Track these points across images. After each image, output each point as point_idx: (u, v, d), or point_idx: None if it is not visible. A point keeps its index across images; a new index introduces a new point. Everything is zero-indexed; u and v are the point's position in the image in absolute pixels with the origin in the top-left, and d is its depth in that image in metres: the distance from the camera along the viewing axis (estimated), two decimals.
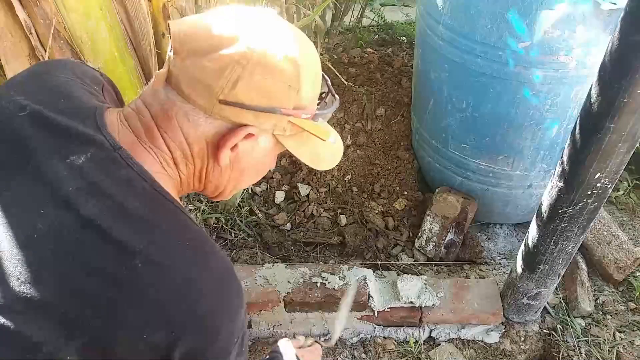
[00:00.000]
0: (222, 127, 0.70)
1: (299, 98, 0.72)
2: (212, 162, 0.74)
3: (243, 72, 0.66)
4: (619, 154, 1.14)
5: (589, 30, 1.40)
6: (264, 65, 0.67)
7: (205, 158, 0.74)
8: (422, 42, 1.88)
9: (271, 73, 0.68)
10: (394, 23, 3.34)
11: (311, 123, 0.75)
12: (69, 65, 0.83)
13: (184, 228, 0.69)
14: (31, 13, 1.33)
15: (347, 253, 2.06)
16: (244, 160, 0.76)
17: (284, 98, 0.70)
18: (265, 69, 0.67)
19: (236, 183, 0.81)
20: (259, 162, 0.79)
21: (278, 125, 0.72)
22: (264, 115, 0.70)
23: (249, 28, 0.68)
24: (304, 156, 0.79)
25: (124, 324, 0.62)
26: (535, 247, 1.46)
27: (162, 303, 0.63)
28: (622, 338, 1.73)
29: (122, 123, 0.72)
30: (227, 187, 0.81)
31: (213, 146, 0.72)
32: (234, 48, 0.66)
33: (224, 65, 0.65)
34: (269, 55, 0.67)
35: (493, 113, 1.71)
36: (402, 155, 2.30)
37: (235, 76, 0.66)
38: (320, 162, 0.82)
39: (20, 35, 1.36)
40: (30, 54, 1.40)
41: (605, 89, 1.07)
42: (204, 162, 0.74)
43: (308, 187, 2.25)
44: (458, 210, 1.99)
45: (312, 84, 0.74)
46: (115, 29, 1.43)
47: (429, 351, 1.73)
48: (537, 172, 1.84)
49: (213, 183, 0.79)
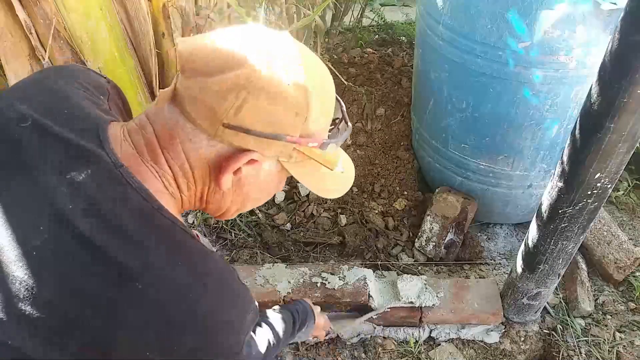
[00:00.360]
0: (225, 150, 0.68)
1: (306, 126, 0.69)
2: (213, 185, 0.72)
3: (248, 96, 0.64)
4: (619, 154, 1.14)
5: (589, 30, 1.40)
6: (270, 91, 0.64)
7: (207, 180, 0.72)
8: (422, 42, 1.88)
9: (277, 99, 0.65)
10: (394, 23, 3.34)
11: (319, 151, 0.72)
12: (75, 73, 0.82)
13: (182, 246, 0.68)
14: (31, 13, 1.33)
15: (347, 253, 2.06)
16: (247, 184, 0.74)
17: (289, 125, 0.67)
18: (271, 95, 0.64)
19: (240, 205, 0.79)
20: (264, 186, 0.76)
21: (283, 152, 0.70)
22: (269, 142, 0.67)
23: (258, 51, 0.66)
24: (311, 184, 0.77)
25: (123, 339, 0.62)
26: (535, 247, 1.46)
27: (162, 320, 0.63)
28: (622, 338, 1.73)
29: (124, 138, 0.70)
30: (230, 209, 0.79)
31: (215, 169, 0.70)
32: (240, 71, 0.64)
33: (229, 88, 0.63)
34: (276, 80, 0.65)
35: (493, 113, 1.71)
36: (402, 155, 2.30)
37: (240, 101, 0.63)
38: (327, 190, 0.80)
39: (20, 35, 1.37)
40: (30, 54, 1.40)
41: (605, 89, 1.07)
42: (205, 184, 0.73)
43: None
44: (458, 210, 1.99)
45: (322, 112, 0.71)
46: (115, 29, 1.43)
47: (429, 351, 1.73)
48: (537, 172, 1.84)
49: (215, 205, 0.77)
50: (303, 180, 0.75)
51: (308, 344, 1.74)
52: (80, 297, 0.61)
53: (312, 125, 0.70)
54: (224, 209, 0.79)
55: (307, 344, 1.74)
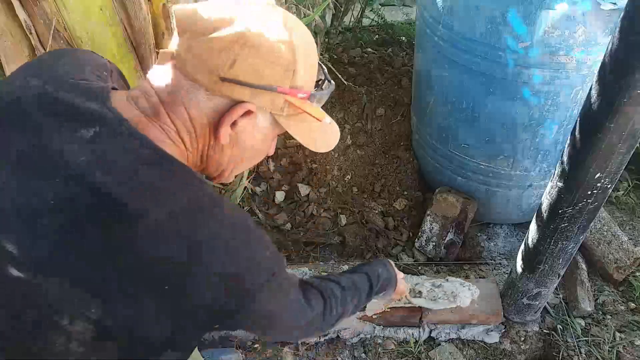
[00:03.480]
0: (223, 104, 0.74)
1: (295, 79, 0.75)
2: (213, 140, 0.78)
3: (241, 51, 0.70)
4: (619, 154, 1.14)
5: (589, 30, 1.40)
6: (260, 46, 0.71)
7: (207, 136, 0.77)
8: (422, 42, 1.88)
9: (267, 54, 0.72)
10: (394, 23, 3.34)
11: (307, 103, 0.78)
12: (79, 52, 0.89)
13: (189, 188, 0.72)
14: (31, 13, 1.33)
15: (347, 253, 2.06)
16: (243, 138, 0.79)
17: (280, 77, 0.74)
18: (262, 50, 0.71)
19: (236, 163, 0.84)
20: (258, 142, 0.82)
21: (275, 104, 0.76)
22: (261, 92, 0.73)
23: (247, 12, 0.73)
24: (300, 136, 0.82)
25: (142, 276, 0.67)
26: (535, 247, 1.46)
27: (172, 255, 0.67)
28: (622, 338, 1.73)
29: (128, 101, 0.75)
30: (227, 167, 0.84)
31: (214, 124, 0.75)
32: (233, 29, 0.70)
33: (224, 45, 0.70)
34: (265, 36, 0.72)
35: (493, 113, 1.71)
36: (402, 155, 2.30)
37: (233, 55, 0.70)
38: (316, 144, 0.85)
39: (21, 35, 1.36)
40: (30, 54, 1.40)
41: (605, 89, 1.07)
42: (205, 140, 0.78)
43: (308, 187, 2.25)
44: (458, 210, 1.99)
45: (307, 66, 0.77)
46: (115, 29, 1.43)
47: (429, 351, 1.73)
48: (537, 172, 1.84)
49: (214, 163, 0.82)
50: (294, 132, 0.81)
51: (308, 344, 1.74)
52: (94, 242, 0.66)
53: (300, 78, 0.76)
54: (222, 167, 0.84)
55: (307, 344, 1.74)
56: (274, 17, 0.75)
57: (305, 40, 0.78)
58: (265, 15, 0.75)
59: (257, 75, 0.72)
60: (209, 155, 0.80)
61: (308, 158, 2.32)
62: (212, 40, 0.70)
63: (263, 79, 0.72)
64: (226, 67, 0.70)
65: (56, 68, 0.79)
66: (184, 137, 0.76)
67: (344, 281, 1.09)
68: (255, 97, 0.73)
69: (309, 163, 2.31)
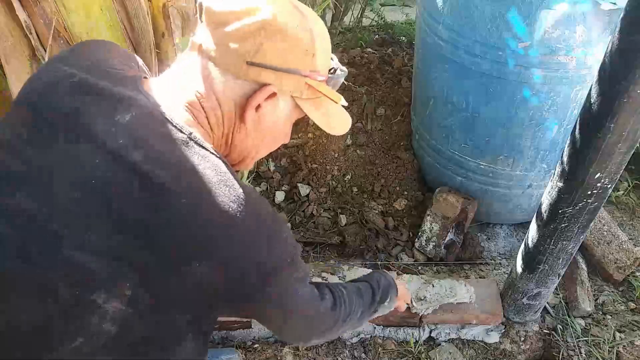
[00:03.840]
0: (249, 87, 0.79)
1: (314, 63, 0.81)
2: (238, 123, 0.83)
3: (266, 37, 0.75)
4: (619, 154, 1.14)
5: (589, 30, 1.41)
6: (284, 32, 0.76)
7: (233, 119, 0.82)
8: (422, 42, 1.88)
9: (290, 39, 0.77)
10: (394, 23, 3.34)
11: (325, 86, 0.84)
12: (108, 44, 0.94)
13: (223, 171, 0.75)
14: (31, 13, 1.33)
15: (347, 253, 2.06)
16: (265, 121, 0.84)
17: (301, 61, 0.79)
18: (286, 35, 0.77)
19: (257, 149, 0.89)
20: (279, 125, 0.87)
21: (297, 87, 0.81)
22: (285, 76, 0.79)
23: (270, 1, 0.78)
24: (319, 119, 0.87)
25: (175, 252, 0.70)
26: (535, 247, 1.46)
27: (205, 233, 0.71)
28: (622, 338, 1.73)
29: (160, 88, 0.80)
30: (250, 153, 0.89)
31: (240, 107, 0.80)
32: (259, 16, 0.75)
33: (250, 31, 0.75)
34: (289, 22, 0.77)
35: (493, 113, 1.71)
36: (402, 155, 2.30)
37: (259, 41, 0.75)
38: (332, 126, 0.90)
39: (21, 35, 1.36)
40: (30, 54, 1.40)
41: (605, 89, 1.07)
42: (231, 123, 0.82)
43: (308, 187, 2.25)
44: (458, 210, 1.99)
45: (324, 51, 0.83)
46: (115, 29, 1.43)
47: (429, 351, 1.73)
48: (537, 172, 1.84)
49: (238, 147, 0.87)
50: (312, 115, 0.86)
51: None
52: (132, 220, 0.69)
53: (318, 62, 0.82)
54: (245, 153, 0.89)
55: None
56: (294, 5, 0.81)
57: (320, 25, 0.84)
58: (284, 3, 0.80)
59: (281, 59, 0.77)
60: (234, 140, 0.85)
61: (308, 158, 2.32)
62: (238, 28, 0.75)
63: (287, 63, 0.78)
64: (253, 52, 0.76)
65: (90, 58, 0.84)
66: (212, 122, 0.80)
67: (348, 285, 1.13)
68: (279, 80, 0.79)
69: (309, 163, 2.31)
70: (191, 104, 0.79)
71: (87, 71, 0.79)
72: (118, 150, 0.70)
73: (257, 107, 0.80)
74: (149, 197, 0.69)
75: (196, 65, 0.79)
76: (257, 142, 0.88)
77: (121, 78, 0.79)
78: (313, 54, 0.80)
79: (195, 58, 0.80)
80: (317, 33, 0.81)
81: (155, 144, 0.72)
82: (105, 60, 0.84)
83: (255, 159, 0.93)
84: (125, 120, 0.73)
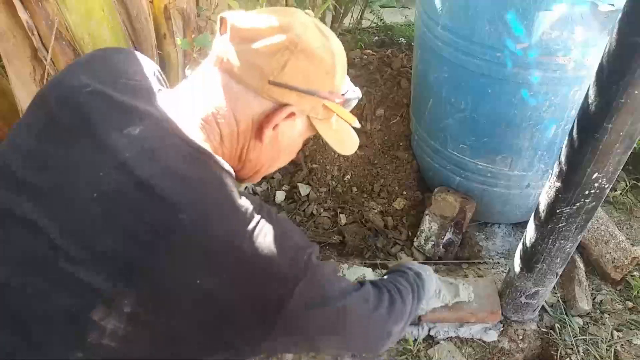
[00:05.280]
0: (268, 106, 0.78)
1: (333, 84, 0.82)
2: (253, 140, 0.82)
3: (291, 57, 0.75)
4: (617, 154, 1.15)
5: (587, 31, 1.42)
6: (308, 52, 0.76)
7: (249, 136, 0.81)
8: (421, 43, 1.89)
9: (313, 59, 0.77)
10: (393, 25, 3.35)
11: (341, 108, 0.86)
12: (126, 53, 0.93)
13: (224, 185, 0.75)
14: (33, 13, 1.34)
15: (347, 252, 2.07)
16: (281, 139, 0.84)
17: (322, 82, 0.80)
18: (309, 56, 0.77)
19: (271, 163, 0.89)
20: (293, 143, 0.87)
21: (315, 108, 0.82)
22: (305, 97, 0.79)
23: (295, 21, 0.78)
24: (331, 138, 0.88)
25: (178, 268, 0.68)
26: (533, 246, 1.47)
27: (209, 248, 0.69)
28: (620, 337, 1.74)
29: (174, 101, 0.80)
30: (262, 167, 0.88)
31: (258, 124, 0.80)
32: (284, 36, 0.75)
33: (275, 50, 0.75)
34: (313, 43, 0.77)
35: (491, 114, 1.72)
36: (401, 155, 2.31)
37: (284, 60, 0.75)
38: (343, 146, 0.91)
39: (22, 35, 1.37)
40: (32, 54, 1.40)
41: (603, 90, 1.08)
42: (246, 139, 0.82)
43: (308, 187, 2.26)
44: (457, 210, 2.00)
45: (342, 71, 0.84)
46: (117, 30, 1.43)
47: (428, 349, 1.73)
48: (535, 172, 1.85)
49: (252, 162, 0.86)
50: (326, 134, 0.87)
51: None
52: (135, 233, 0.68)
53: (337, 83, 0.83)
54: (258, 167, 0.88)
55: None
56: (317, 26, 0.81)
57: (339, 46, 0.84)
58: (309, 24, 0.80)
59: (304, 80, 0.77)
60: (248, 155, 0.84)
61: (308, 158, 2.33)
62: (264, 46, 0.75)
63: (308, 83, 0.78)
64: (276, 72, 0.75)
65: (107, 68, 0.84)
66: (225, 137, 0.79)
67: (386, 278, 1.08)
68: (299, 100, 0.79)
69: (309, 163, 2.32)
70: (206, 119, 0.78)
71: (103, 81, 0.79)
72: (126, 164, 0.70)
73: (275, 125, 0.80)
74: (154, 213, 0.68)
75: (216, 80, 0.78)
76: (271, 159, 0.88)
77: (137, 90, 0.79)
78: (333, 75, 0.81)
79: (215, 72, 0.79)
80: (338, 54, 0.82)
81: (164, 159, 0.71)
82: (124, 72, 0.83)
83: (267, 172, 0.92)
84: (136, 133, 0.72)
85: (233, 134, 0.80)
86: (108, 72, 0.82)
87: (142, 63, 0.90)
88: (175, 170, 0.71)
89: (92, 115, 0.74)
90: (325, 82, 0.81)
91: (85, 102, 0.75)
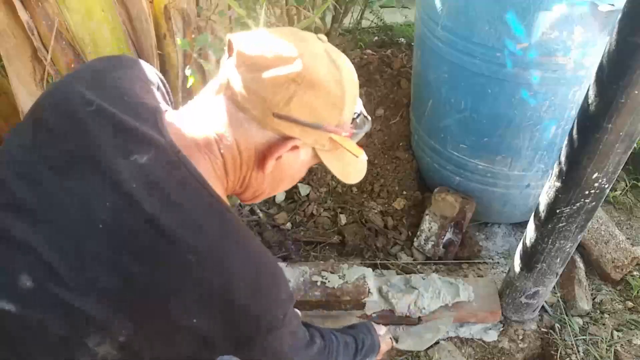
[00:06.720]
0: (272, 138, 0.76)
1: (341, 117, 0.79)
2: (256, 169, 0.80)
3: (298, 89, 0.72)
4: (617, 154, 1.15)
5: (587, 31, 1.42)
6: (315, 85, 0.73)
7: (251, 165, 0.80)
8: (421, 43, 1.89)
9: (321, 92, 0.74)
10: (393, 25, 3.35)
11: (348, 140, 0.82)
12: (129, 63, 0.89)
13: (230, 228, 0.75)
14: (33, 14, 1.34)
15: (347, 252, 2.07)
16: (284, 169, 0.82)
17: (328, 116, 0.77)
18: (317, 89, 0.74)
19: (272, 189, 0.88)
20: (296, 171, 0.86)
21: (319, 141, 0.79)
22: (310, 131, 0.76)
23: (305, 50, 0.75)
24: (336, 170, 0.86)
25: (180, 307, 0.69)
26: (533, 246, 1.47)
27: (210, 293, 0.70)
28: (620, 337, 1.74)
29: (180, 127, 0.77)
30: (264, 192, 0.87)
31: (260, 154, 0.78)
32: (292, 67, 0.72)
33: (282, 82, 0.72)
34: (322, 76, 0.74)
35: (491, 114, 1.72)
36: (401, 155, 2.31)
37: (290, 93, 0.72)
38: (349, 176, 0.89)
39: (23, 36, 1.37)
40: (32, 55, 1.40)
41: (602, 90, 1.08)
42: (249, 168, 0.80)
43: (308, 187, 2.26)
44: (456, 210, 2.00)
45: (351, 101, 0.80)
46: (117, 30, 1.43)
47: (428, 349, 1.74)
48: (535, 172, 1.85)
49: (253, 188, 0.85)
50: (331, 165, 0.85)
51: None
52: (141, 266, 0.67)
53: (345, 117, 0.80)
54: (259, 193, 0.87)
55: None
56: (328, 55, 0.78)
57: (350, 76, 0.80)
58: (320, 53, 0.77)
59: (310, 114, 0.75)
60: (250, 182, 0.83)
61: None
62: (269, 77, 0.72)
63: (314, 117, 0.75)
64: (281, 104, 0.73)
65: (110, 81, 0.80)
66: (229, 168, 0.78)
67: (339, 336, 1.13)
68: (304, 134, 0.76)
69: None
70: (209, 147, 0.76)
71: (106, 99, 0.75)
72: (130, 195, 0.68)
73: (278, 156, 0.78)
74: (155, 246, 0.68)
75: (220, 107, 0.76)
76: (274, 185, 0.87)
77: (141, 110, 0.76)
78: (342, 108, 0.78)
79: (220, 99, 0.77)
80: (348, 86, 0.78)
81: (168, 192, 0.70)
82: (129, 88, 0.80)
83: (271, 195, 0.92)
84: (142, 161, 0.70)
85: (236, 162, 0.78)
86: (111, 88, 0.79)
87: (146, 76, 0.88)
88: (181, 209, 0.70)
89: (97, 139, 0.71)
90: (332, 115, 0.77)
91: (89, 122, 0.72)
